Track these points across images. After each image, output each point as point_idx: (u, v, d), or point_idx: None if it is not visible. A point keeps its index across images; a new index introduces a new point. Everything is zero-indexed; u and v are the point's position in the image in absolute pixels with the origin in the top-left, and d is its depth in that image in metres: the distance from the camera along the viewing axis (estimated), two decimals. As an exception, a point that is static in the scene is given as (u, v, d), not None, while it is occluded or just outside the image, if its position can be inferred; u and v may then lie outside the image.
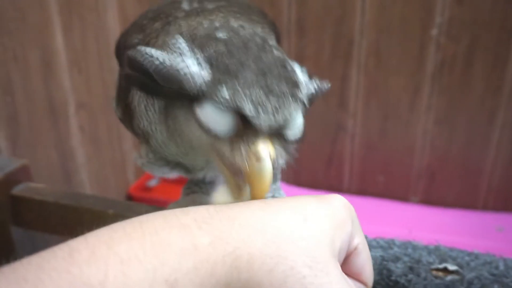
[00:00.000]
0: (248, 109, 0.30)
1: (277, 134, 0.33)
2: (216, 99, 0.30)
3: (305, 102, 0.33)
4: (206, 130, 0.32)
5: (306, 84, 0.34)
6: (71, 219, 0.57)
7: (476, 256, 0.47)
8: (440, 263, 0.47)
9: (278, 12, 1.03)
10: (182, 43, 0.33)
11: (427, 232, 0.94)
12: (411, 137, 1.10)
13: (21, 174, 0.61)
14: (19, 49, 0.66)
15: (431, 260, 0.47)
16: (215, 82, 0.31)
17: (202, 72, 0.31)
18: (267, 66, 0.32)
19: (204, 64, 0.31)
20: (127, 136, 0.98)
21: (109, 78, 0.87)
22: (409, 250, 0.49)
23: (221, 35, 0.33)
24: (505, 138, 1.04)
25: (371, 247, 0.50)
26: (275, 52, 0.33)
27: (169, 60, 0.31)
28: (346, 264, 0.31)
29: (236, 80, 0.31)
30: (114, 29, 0.88)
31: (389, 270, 0.47)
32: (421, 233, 0.88)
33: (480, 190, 1.11)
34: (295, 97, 0.32)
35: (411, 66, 1.03)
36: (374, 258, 0.48)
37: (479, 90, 1.01)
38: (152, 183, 1.13)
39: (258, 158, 0.32)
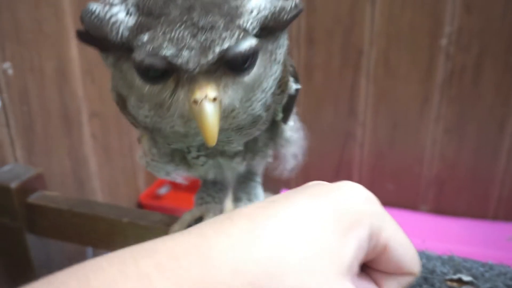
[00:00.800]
0: (168, 51, 0.29)
1: (222, 68, 0.31)
2: (137, 46, 0.29)
3: (251, 28, 0.30)
4: (143, 78, 0.31)
5: (259, 7, 0.31)
6: (86, 227, 0.58)
7: (491, 267, 0.47)
8: (455, 273, 0.47)
9: (287, 22, 1.04)
10: None
11: (438, 241, 0.94)
12: (420, 146, 1.10)
13: (36, 183, 0.62)
14: (35, 59, 0.67)
15: (445, 270, 0.47)
16: (138, 27, 0.30)
17: (128, 19, 0.30)
18: None
19: (132, 10, 0.30)
20: (138, 145, 0.99)
21: (121, 87, 0.88)
22: (423, 260, 0.49)
23: None
24: (515, 147, 1.04)
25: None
26: None
27: (100, 12, 0.30)
28: (379, 263, 0.26)
29: (157, 22, 0.29)
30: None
31: (403, 280, 0.47)
32: (433, 243, 0.88)
33: (490, 199, 1.10)
34: (230, 26, 0.30)
35: (420, 75, 1.03)
36: (387, 268, 0.48)
37: (489, 99, 1.01)
38: (163, 191, 1.14)
39: (195, 101, 0.30)
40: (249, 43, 0.31)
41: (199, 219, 0.51)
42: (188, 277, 0.20)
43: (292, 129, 0.49)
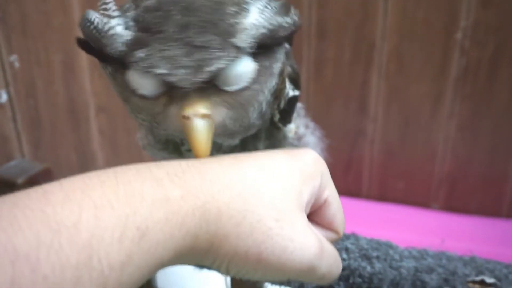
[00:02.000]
0: (162, 68, 0.29)
1: (216, 86, 0.31)
2: (132, 61, 0.30)
3: (246, 47, 0.31)
4: (136, 94, 0.32)
5: (256, 24, 0.31)
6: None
7: (515, 269, 0.45)
8: (477, 275, 0.45)
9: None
10: (110, 4, 0.32)
11: (456, 240, 0.92)
12: (432, 143, 1.08)
13: (43, 178, 0.61)
14: (42, 52, 0.66)
15: (467, 272, 0.45)
16: (134, 43, 0.30)
17: (125, 33, 0.30)
18: (196, 15, 0.30)
19: (131, 24, 0.31)
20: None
21: (129, 81, 0.87)
22: (444, 261, 0.47)
23: None
24: (531, 145, 1.01)
25: (403, 257, 0.48)
26: None
27: (99, 23, 0.31)
28: (318, 216, 0.33)
29: (153, 39, 0.29)
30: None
31: (423, 282, 0.45)
32: (451, 242, 0.86)
33: (504, 197, 1.08)
34: (225, 45, 0.30)
35: (433, 71, 1.01)
36: (407, 269, 0.46)
37: (504, 96, 0.99)
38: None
39: (186, 117, 0.31)
40: (244, 62, 0.31)
41: None
42: (190, 186, 0.26)
43: (303, 132, 0.49)
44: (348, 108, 1.10)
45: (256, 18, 0.31)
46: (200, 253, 0.26)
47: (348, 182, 1.16)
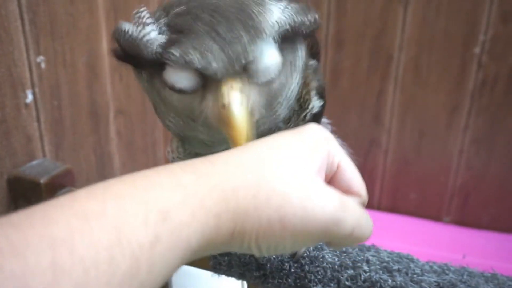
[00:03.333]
0: (198, 62, 0.32)
1: (248, 78, 0.34)
2: (169, 59, 0.32)
3: (273, 41, 0.33)
4: (174, 90, 0.34)
5: (280, 21, 0.34)
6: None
7: (538, 287, 0.45)
8: (499, 292, 0.45)
9: (316, 25, 1.02)
10: (143, 13, 0.34)
11: (475, 256, 0.91)
12: (446, 155, 1.08)
13: (65, 179, 0.61)
14: (68, 53, 0.67)
15: (489, 289, 0.45)
16: (169, 43, 0.32)
17: (160, 37, 0.33)
18: (223, 14, 0.33)
19: (164, 29, 0.33)
20: (161, 144, 0.98)
21: (148, 84, 0.88)
22: (465, 277, 0.47)
23: None
24: (546, 161, 1.01)
25: (424, 271, 0.48)
26: None
27: (133, 31, 0.33)
28: (335, 182, 0.33)
29: (186, 37, 0.32)
30: (154, 37, 0.88)
31: (444, 297, 0.45)
32: (469, 258, 0.86)
33: (518, 213, 1.07)
34: (254, 39, 0.32)
35: (450, 83, 1.00)
36: (428, 283, 0.46)
37: (521, 110, 0.98)
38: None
39: (223, 105, 0.33)
40: (273, 55, 0.34)
41: None
42: (201, 172, 0.28)
43: None
44: (362, 118, 1.10)
45: (279, 17, 0.34)
46: (227, 235, 0.27)
47: (360, 191, 1.15)
